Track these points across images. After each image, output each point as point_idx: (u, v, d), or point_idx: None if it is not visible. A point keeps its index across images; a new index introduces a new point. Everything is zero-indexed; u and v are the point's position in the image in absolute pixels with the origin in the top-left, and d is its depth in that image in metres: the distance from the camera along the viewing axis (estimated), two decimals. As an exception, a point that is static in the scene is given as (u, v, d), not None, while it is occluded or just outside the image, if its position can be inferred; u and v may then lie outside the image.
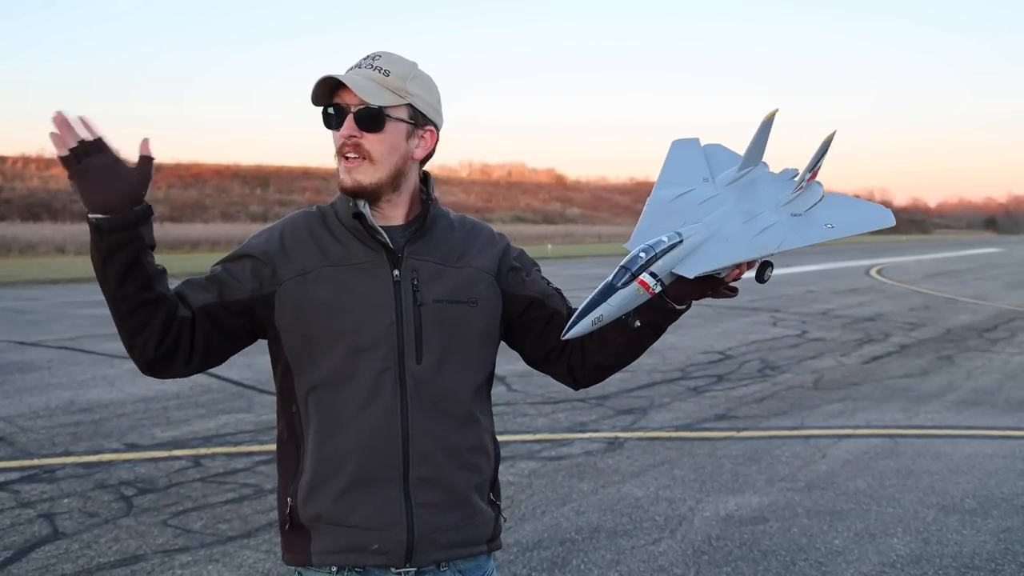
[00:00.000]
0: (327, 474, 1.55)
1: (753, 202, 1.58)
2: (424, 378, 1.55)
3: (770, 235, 1.50)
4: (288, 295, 1.57)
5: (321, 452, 1.55)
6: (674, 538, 4.19)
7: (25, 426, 6.19)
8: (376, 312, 1.55)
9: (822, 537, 4.22)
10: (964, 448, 5.86)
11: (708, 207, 1.56)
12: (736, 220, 1.52)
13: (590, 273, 24.12)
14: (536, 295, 1.68)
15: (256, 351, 1.79)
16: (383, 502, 1.53)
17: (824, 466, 5.41)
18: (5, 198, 43.92)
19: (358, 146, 1.55)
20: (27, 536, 4.11)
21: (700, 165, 1.67)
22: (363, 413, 1.53)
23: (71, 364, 8.75)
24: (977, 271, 27.16)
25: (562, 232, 56.50)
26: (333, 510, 1.54)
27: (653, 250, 1.43)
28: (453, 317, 1.58)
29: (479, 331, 1.62)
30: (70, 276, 21.02)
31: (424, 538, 1.55)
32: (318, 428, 1.56)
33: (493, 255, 1.67)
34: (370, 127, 1.54)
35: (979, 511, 4.61)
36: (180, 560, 3.86)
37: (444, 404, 1.57)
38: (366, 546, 1.54)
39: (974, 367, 9.08)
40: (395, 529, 1.53)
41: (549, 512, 4.53)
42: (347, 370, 1.54)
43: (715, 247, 1.46)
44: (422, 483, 1.55)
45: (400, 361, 1.54)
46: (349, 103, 1.55)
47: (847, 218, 1.57)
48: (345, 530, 1.54)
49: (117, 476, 5.04)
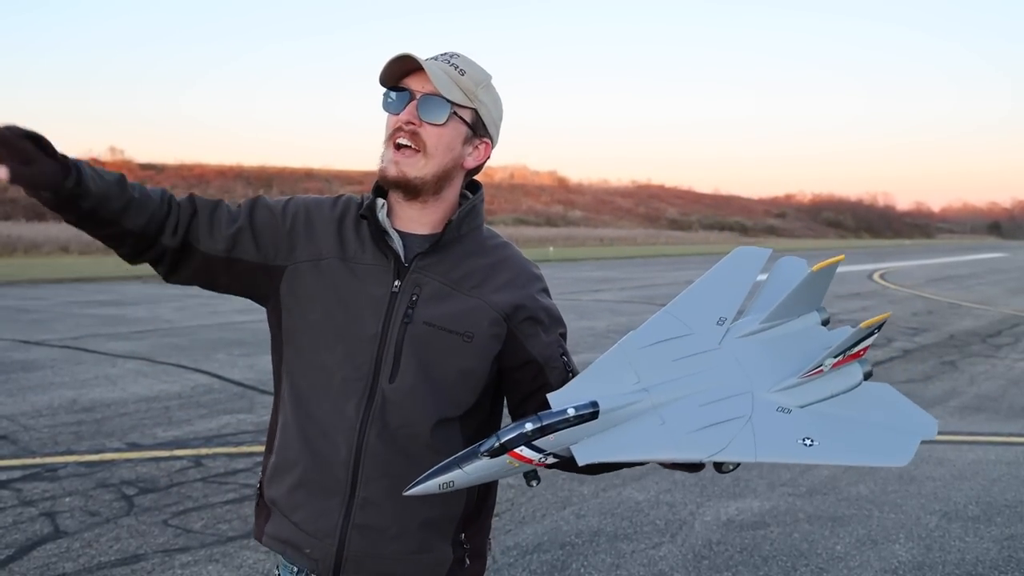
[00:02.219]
0: (285, 464, 1.55)
1: (749, 375, 1.26)
2: (392, 399, 1.48)
3: (713, 436, 1.18)
4: (297, 275, 1.54)
5: (285, 440, 1.55)
6: (675, 542, 4.18)
7: (28, 425, 6.19)
8: (364, 319, 1.50)
9: (823, 543, 4.21)
10: (967, 454, 5.85)
11: (683, 367, 1.26)
12: (697, 399, 1.22)
13: (591, 276, 24.10)
14: (538, 359, 1.54)
15: (259, 351, 1.79)
16: (323, 510, 1.51)
17: (826, 471, 5.39)
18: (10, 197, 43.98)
19: (415, 134, 1.47)
20: (29, 534, 4.11)
21: (736, 294, 1.37)
22: (327, 417, 1.50)
23: (74, 363, 8.76)
24: (981, 276, 27.10)
25: (564, 235, 56.47)
26: (284, 501, 1.55)
27: (541, 421, 1.18)
28: (441, 346, 1.49)
29: (461, 367, 1.50)
30: (74, 275, 21.05)
31: (353, 559, 1.50)
32: (288, 415, 1.55)
33: (515, 296, 1.54)
34: (433, 117, 1.47)
35: (982, 518, 4.59)
36: (180, 560, 3.86)
37: (404, 430, 1.49)
38: (302, 546, 1.53)
39: (977, 373, 9.06)
40: (326, 540, 1.50)
41: (549, 515, 4.52)
42: (324, 368, 1.51)
43: (638, 430, 1.19)
44: (366, 504, 1.49)
45: (374, 375, 1.48)
46: (416, 89, 1.48)
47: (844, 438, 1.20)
48: (289, 524, 1.55)
49: (118, 475, 5.04)
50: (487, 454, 1.20)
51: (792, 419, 1.21)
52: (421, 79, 1.48)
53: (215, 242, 1.52)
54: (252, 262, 1.54)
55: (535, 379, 1.55)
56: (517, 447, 1.18)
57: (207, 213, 1.54)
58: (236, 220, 1.55)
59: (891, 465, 1.18)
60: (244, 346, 9.76)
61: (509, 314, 1.53)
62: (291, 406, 1.55)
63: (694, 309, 1.36)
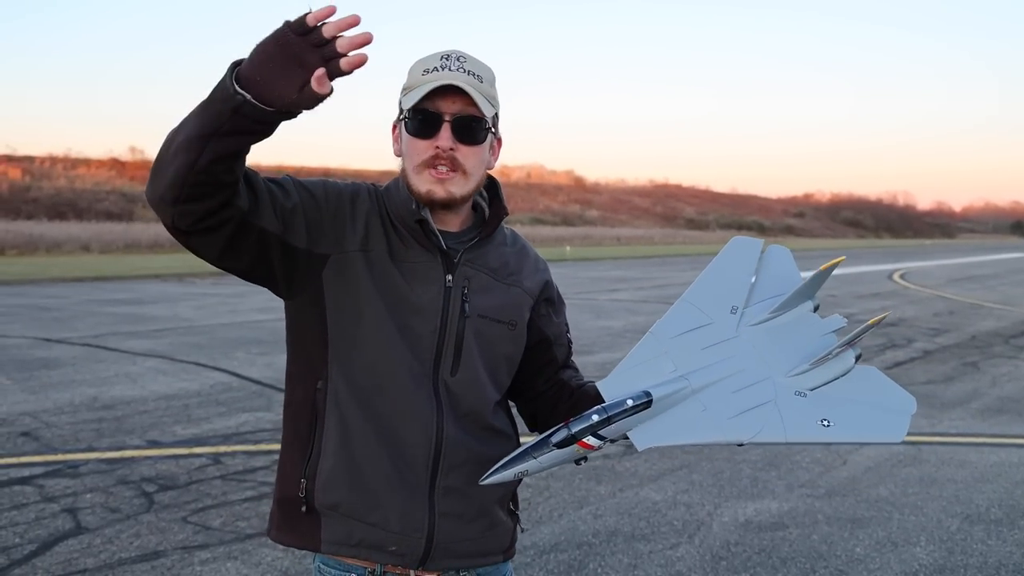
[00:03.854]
0: (355, 466, 1.49)
1: (765, 360, 1.40)
2: (457, 390, 1.52)
3: (751, 420, 1.33)
4: (347, 265, 1.49)
5: (350, 442, 1.49)
6: (692, 543, 4.16)
7: (50, 422, 6.26)
8: (423, 315, 1.51)
9: (843, 545, 4.18)
10: (989, 456, 5.78)
11: (712, 355, 1.39)
12: (730, 385, 1.36)
13: (608, 275, 24.05)
14: (551, 337, 1.65)
15: (278, 350, 1.79)
16: (408, 507, 1.50)
17: (845, 472, 5.35)
18: (32, 197, 44.51)
19: (454, 160, 1.46)
20: (51, 530, 4.15)
21: (742, 283, 1.50)
22: (399, 414, 1.50)
23: (95, 361, 8.85)
24: (1003, 276, 26.80)
25: (581, 234, 56.41)
26: (356, 503, 1.50)
27: (607, 412, 1.31)
28: (492, 335, 1.56)
29: (508, 353, 1.60)
30: (95, 274, 21.25)
31: (441, 547, 1.53)
32: (348, 416, 1.49)
33: (539, 281, 1.65)
34: (470, 139, 1.47)
35: (1005, 521, 4.54)
36: (199, 557, 3.88)
37: (473, 416, 1.55)
38: (383, 545, 1.51)
39: (1000, 374, 8.96)
40: (415, 535, 1.51)
41: (566, 515, 4.51)
42: (389, 363, 1.49)
43: (684, 416, 1.33)
44: (448, 492, 1.52)
45: (435, 368, 1.51)
46: (446, 112, 1.45)
47: (852, 418, 1.36)
48: (364, 526, 1.50)
49: (139, 472, 5.09)
50: (558, 445, 1.31)
51: (809, 402, 1.35)
52: (451, 100, 1.45)
53: (275, 218, 1.43)
54: (298, 247, 1.47)
55: (545, 355, 1.65)
56: (585, 437, 1.31)
57: (264, 184, 1.44)
58: (290, 197, 1.47)
59: (890, 442, 1.35)
60: (262, 344, 9.82)
61: (537, 298, 1.63)
62: (352, 404, 1.50)
63: (709, 299, 1.48)
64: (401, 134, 1.53)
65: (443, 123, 1.45)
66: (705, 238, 68.44)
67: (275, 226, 1.43)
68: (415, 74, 1.49)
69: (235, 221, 1.37)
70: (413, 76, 1.49)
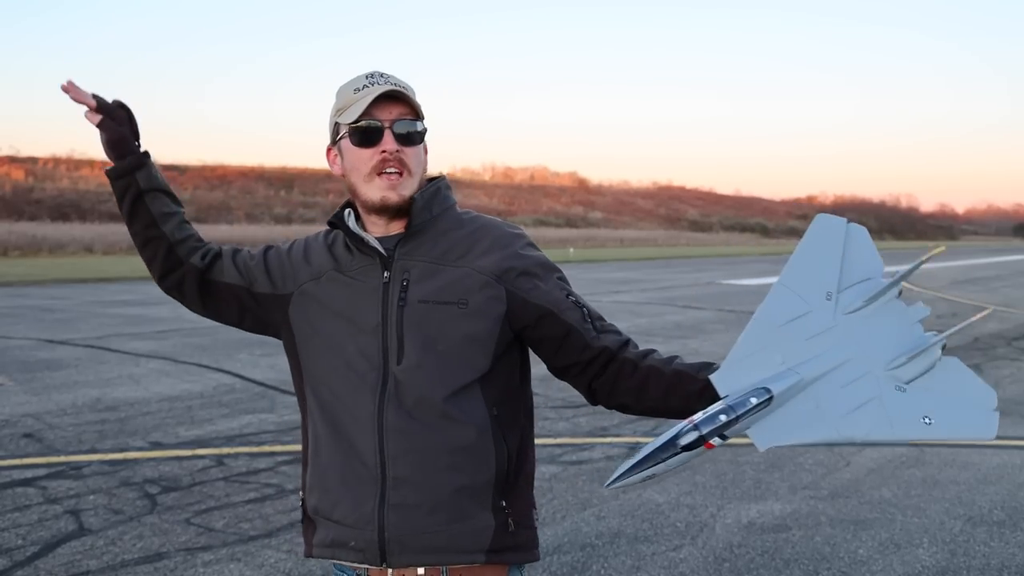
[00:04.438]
0: (321, 470, 1.62)
1: (866, 352, 1.36)
2: (403, 379, 1.55)
3: (862, 418, 1.30)
4: (303, 296, 1.67)
5: (318, 447, 1.62)
6: (695, 545, 4.16)
7: (53, 423, 6.27)
8: (366, 314, 1.59)
9: (846, 546, 4.17)
10: (992, 458, 5.78)
11: (816, 345, 1.36)
12: (837, 379, 1.33)
13: (612, 277, 24.05)
14: (548, 306, 1.58)
15: (280, 352, 1.81)
16: (360, 500, 1.56)
17: (848, 474, 5.35)
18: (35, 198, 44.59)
19: (401, 161, 1.57)
20: (53, 532, 4.16)
21: (834, 267, 1.44)
22: (351, 412, 1.58)
23: (98, 362, 8.86)
24: (1006, 278, 26.76)
25: (584, 236, 56.41)
26: (324, 504, 1.60)
27: (735, 412, 1.29)
28: (438, 318, 1.55)
29: (465, 332, 1.55)
30: (98, 275, 21.29)
31: (395, 540, 1.53)
32: (317, 424, 1.63)
33: (501, 256, 1.59)
34: (411, 141, 1.58)
35: (1008, 523, 4.53)
36: (202, 558, 3.89)
37: (424, 404, 1.54)
38: (345, 542, 1.57)
39: (1003, 376, 8.95)
40: (367, 528, 1.54)
41: (570, 517, 4.51)
42: (340, 369, 1.60)
43: (799, 413, 1.31)
44: (398, 483, 1.53)
45: (384, 361, 1.57)
46: (384, 119, 1.56)
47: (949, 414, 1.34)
48: (332, 525, 1.59)
49: (142, 474, 5.09)
50: (686, 448, 1.28)
51: (910, 397, 1.32)
52: (387, 108, 1.56)
53: (239, 275, 1.73)
54: (267, 293, 1.71)
55: (558, 327, 1.59)
56: (712, 439, 1.28)
57: (231, 252, 1.78)
58: (254, 258, 1.75)
59: (984, 439, 1.33)
60: (265, 346, 9.84)
61: (500, 275, 1.58)
62: (319, 416, 1.63)
63: (805, 283, 1.41)
64: (341, 152, 1.62)
65: (385, 130, 1.56)
66: (708, 240, 68.42)
67: (239, 280, 1.73)
68: (345, 95, 1.59)
69: (194, 278, 1.73)
70: (344, 97, 1.59)
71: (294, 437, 5.97)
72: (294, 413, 6.68)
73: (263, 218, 49.94)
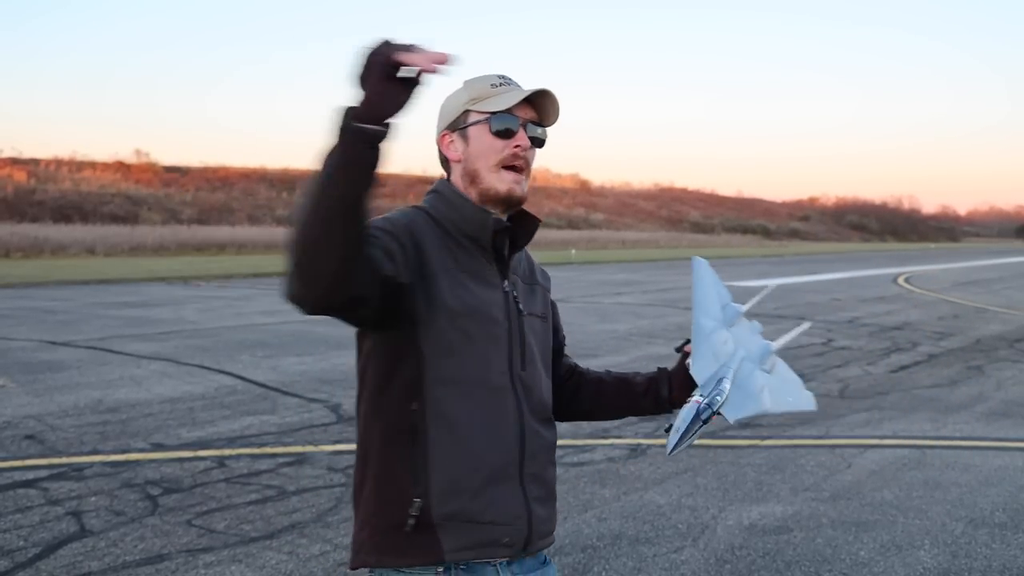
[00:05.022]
0: (466, 472, 1.57)
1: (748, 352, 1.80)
2: (528, 383, 1.67)
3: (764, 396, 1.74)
4: (430, 287, 1.56)
5: (458, 450, 1.56)
6: (696, 547, 4.16)
7: (54, 425, 6.28)
8: (496, 319, 1.65)
9: (847, 548, 4.17)
10: (994, 460, 5.77)
11: (728, 347, 1.77)
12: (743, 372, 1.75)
13: (613, 279, 24.04)
14: (557, 325, 1.86)
15: (282, 353, 1.81)
16: (511, 498, 1.62)
17: (850, 476, 5.35)
18: (37, 200, 44.63)
19: (526, 160, 1.66)
20: (55, 533, 4.16)
21: (715, 294, 1.88)
22: (492, 413, 1.61)
23: (100, 364, 8.87)
24: (1008, 280, 26.74)
25: (586, 237, 56.41)
26: (471, 507, 1.57)
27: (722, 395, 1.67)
28: (539, 330, 1.74)
29: (550, 345, 1.79)
30: (100, 277, 21.31)
31: (536, 529, 1.66)
32: (449, 426, 1.56)
33: (547, 279, 1.85)
34: (539, 143, 1.68)
35: (1009, 525, 4.53)
36: (204, 560, 3.89)
37: (541, 406, 1.71)
38: (499, 540, 1.60)
39: (1004, 378, 8.93)
40: (519, 522, 1.62)
41: (571, 518, 4.51)
42: (476, 370, 1.61)
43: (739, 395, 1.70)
44: (532, 479, 1.65)
45: (511, 366, 1.65)
46: (522, 116, 1.64)
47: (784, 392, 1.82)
48: (480, 526, 1.59)
49: (143, 475, 5.10)
50: (705, 421, 1.64)
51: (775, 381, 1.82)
52: (523, 109, 1.64)
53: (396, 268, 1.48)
54: (403, 282, 1.51)
55: (555, 343, 1.85)
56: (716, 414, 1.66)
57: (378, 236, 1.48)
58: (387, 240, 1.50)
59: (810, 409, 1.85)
60: (267, 347, 9.80)
61: (549, 291, 1.85)
62: (451, 415, 1.57)
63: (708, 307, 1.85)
64: (467, 138, 1.65)
65: (520, 126, 1.64)
66: (710, 242, 68.39)
67: (400, 275, 1.48)
68: (479, 87, 1.64)
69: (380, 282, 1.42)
70: (478, 89, 1.64)
71: (296, 439, 5.97)
72: (295, 415, 6.69)
73: (265, 219, 49.94)
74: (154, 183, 57.38)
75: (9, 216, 39.62)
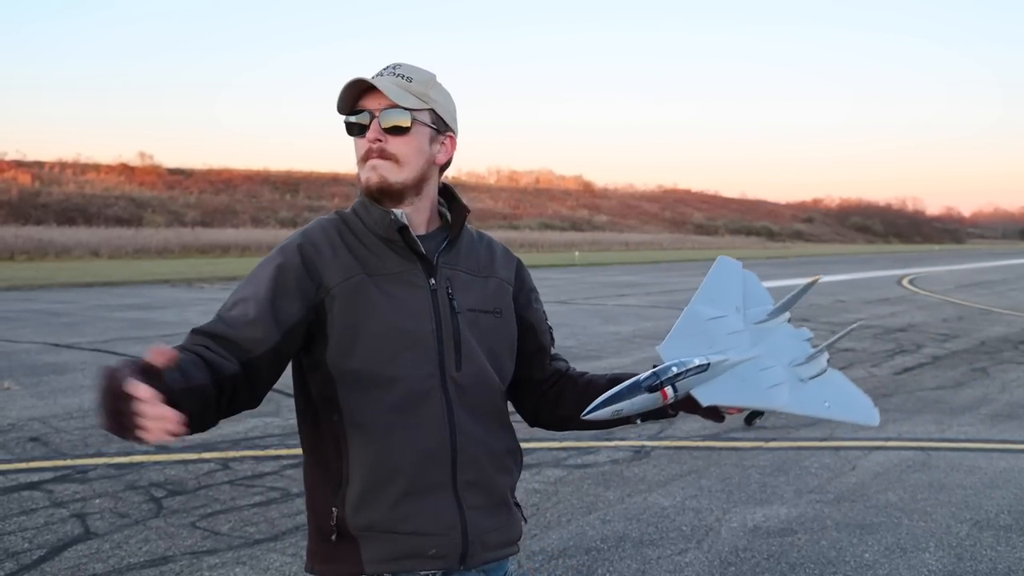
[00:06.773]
0: (380, 482, 1.54)
1: (771, 352, 1.67)
2: (464, 384, 1.59)
3: (779, 392, 1.60)
4: (335, 303, 1.55)
5: (370, 460, 1.54)
6: (700, 549, 4.15)
7: (59, 427, 6.29)
8: (417, 320, 1.57)
9: (852, 551, 4.16)
10: (999, 462, 5.75)
11: (733, 341, 1.64)
12: (755, 365, 1.63)
13: (617, 281, 24.03)
14: (534, 323, 1.75)
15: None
16: (439, 507, 1.56)
17: (854, 478, 5.33)
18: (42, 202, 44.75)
19: (383, 151, 1.58)
20: (60, 535, 4.17)
21: (737, 291, 1.75)
22: (411, 420, 1.54)
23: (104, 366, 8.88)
24: (1013, 282, 26.68)
25: (589, 239, 56.40)
26: (388, 518, 1.54)
27: (684, 366, 1.52)
28: (485, 326, 1.64)
29: (506, 340, 1.68)
30: (104, 279, 21.35)
31: (475, 540, 1.59)
32: (364, 436, 1.54)
33: (511, 269, 1.75)
34: (396, 130, 1.58)
35: (1015, 527, 4.52)
36: (208, 562, 3.89)
37: (481, 409, 1.62)
38: (423, 551, 1.54)
39: (1009, 379, 8.91)
40: (451, 533, 1.56)
41: (575, 520, 4.51)
42: (391, 377, 1.54)
43: (732, 384, 1.57)
44: (469, 486, 1.58)
45: (441, 368, 1.57)
46: (373, 108, 1.58)
47: (841, 402, 1.65)
48: (401, 537, 1.54)
49: (147, 477, 5.10)
50: (647, 389, 1.48)
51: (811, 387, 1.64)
52: (375, 98, 1.58)
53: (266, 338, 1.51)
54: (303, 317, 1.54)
55: (533, 342, 1.75)
56: (666, 386, 1.48)
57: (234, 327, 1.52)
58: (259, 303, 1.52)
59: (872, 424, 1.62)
60: (271, 350, 9.84)
61: (515, 288, 1.73)
62: (366, 427, 1.54)
63: (717, 300, 1.71)
64: None
65: (371, 119, 1.58)
66: (714, 243, 68.32)
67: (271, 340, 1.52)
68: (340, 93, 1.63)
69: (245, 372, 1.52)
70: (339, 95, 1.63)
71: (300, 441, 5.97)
72: (299, 417, 6.69)
73: (268, 222, 50.00)
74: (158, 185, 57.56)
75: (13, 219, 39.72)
